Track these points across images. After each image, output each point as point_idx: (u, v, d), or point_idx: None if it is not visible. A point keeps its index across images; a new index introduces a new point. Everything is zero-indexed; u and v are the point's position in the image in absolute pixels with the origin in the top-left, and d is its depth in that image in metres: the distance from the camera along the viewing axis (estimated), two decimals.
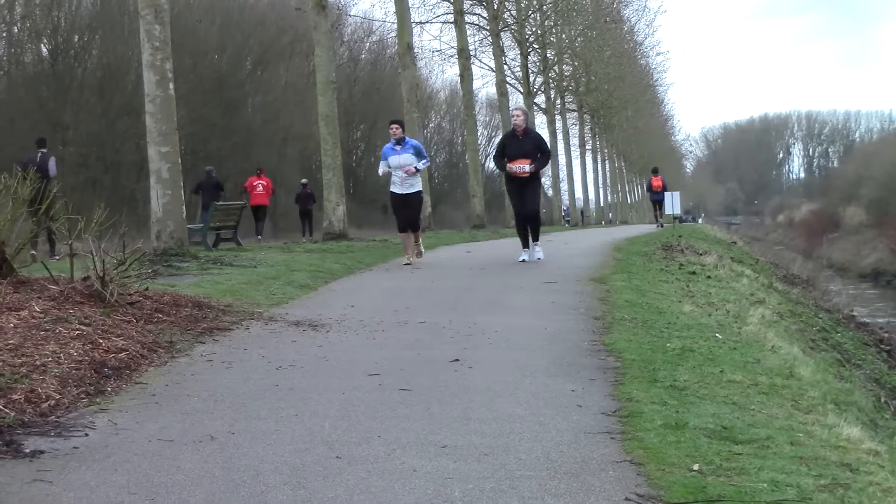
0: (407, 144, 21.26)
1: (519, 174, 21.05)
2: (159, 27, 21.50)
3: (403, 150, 21.11)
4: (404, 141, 21.18)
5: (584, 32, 76.41)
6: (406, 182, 21.19)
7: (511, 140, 21.26)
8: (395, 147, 21.13)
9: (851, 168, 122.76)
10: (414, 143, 21.53)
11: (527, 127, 21.33)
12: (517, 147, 21.02)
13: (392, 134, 21.09)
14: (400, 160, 21.06)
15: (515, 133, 21.12)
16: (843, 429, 8.65)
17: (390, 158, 21.20)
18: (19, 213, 12.83)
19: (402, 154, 21.10)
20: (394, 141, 21.10)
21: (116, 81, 60.44)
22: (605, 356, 10.92)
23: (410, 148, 21.25)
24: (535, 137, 21.62)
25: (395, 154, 21.14)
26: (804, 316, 23.50)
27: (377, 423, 7.85)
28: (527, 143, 21.08)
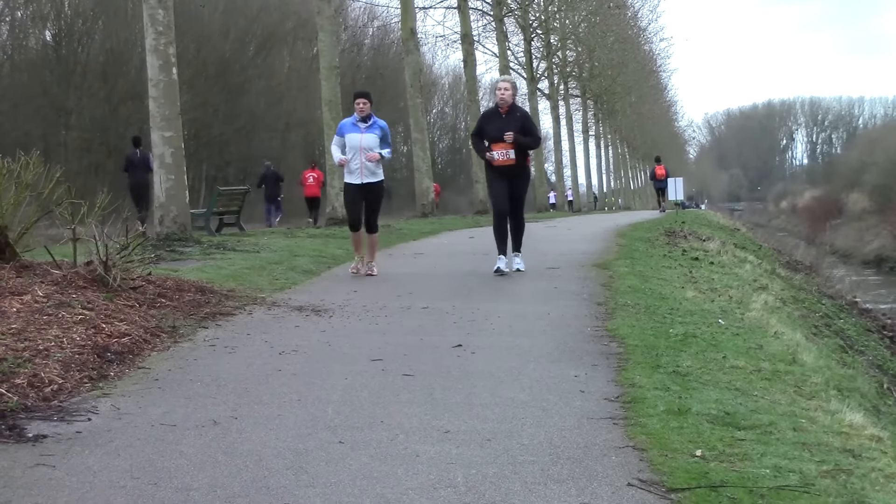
0: (374, 124, 17.00)
1: (502, 162, 16.66)
2: (163, 12, 21.48)
3: (369, 129, 16.92)
4: (370, 119, 16.97)
5: (588, 18, 76.36)
6: (367, 168, 16.92)
7: (492, 118, 16.86)
8: (358, 124, 16.92)
9: (855, 154, 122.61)
10: (381, 124, 17.17)
11: (513, 103, 16.91)
12: (500, 127, 16.59)
13: (358, 111, 16.90)
14: (363, 140, 16.83)
15: (499, 110, 16.80)
16: (846, 415, 8.65)
17: (349, 136, 16.91)
18: (22, 197, 12.83)
19: (367, 133, 16.88)
20: (357, 117, 16.94)
21: (120, 66, 60.41)
22: (608, 342, 10.93)
23: (377, 128, 17.00)
24: (522, 116, 16.95)
25: (358, 132, 16.90)
26: (807, 302, 23.51)
27: (380, 409, 7.85)
28: (512, 123, 16.59)
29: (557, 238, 27.92)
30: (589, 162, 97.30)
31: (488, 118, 17.05)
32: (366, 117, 16.90)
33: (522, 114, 17.10)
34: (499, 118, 16.74)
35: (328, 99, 32.82)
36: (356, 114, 16.90)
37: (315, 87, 49.14)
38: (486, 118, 17.15)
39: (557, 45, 77.70)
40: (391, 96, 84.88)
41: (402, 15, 43.09)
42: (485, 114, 17.45)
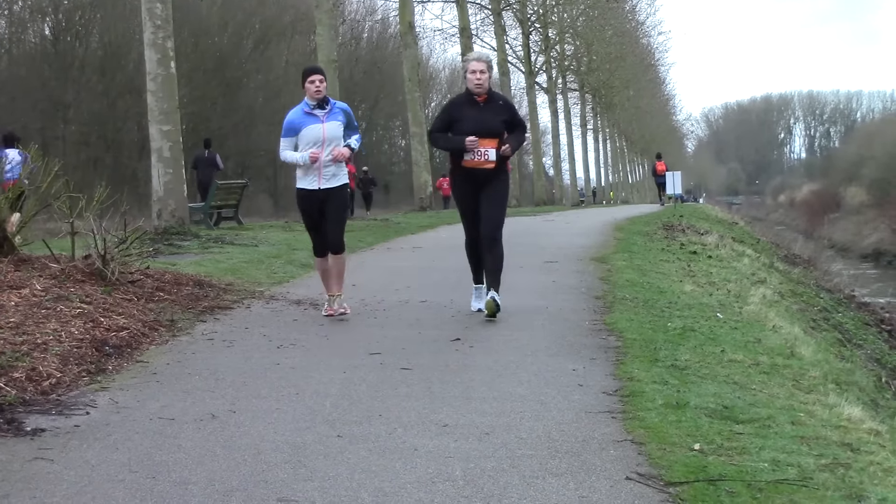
0: (333, 109, 12.36)
1: (476, 164, 12.24)
2: (161, 6, 21.49)
3: (328, 116, 12.28)
4: (328, 103, 12.31)
5: (586, 11, 76.31)
6: (327, 170, 12.30)
7: (465, 108, 12.39)
8: (314, 112, 12.24)
9: (853, 148, 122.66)
10: (343, 107, 12.54)
11: (490, 89, 12.48)
12: (476, 120, 12.22)
13: (310, 93, 12.22)
14: (327, 131, 12.21)
15: (473, 98, 12.30)
16: (844, 409, 8.66)
17: (307, 130, 12.20)
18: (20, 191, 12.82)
19: (328, 122, 12.25)
20: (309, 103, 12.25)
21: (118, 60, 60.42)
22: (607, 336, 10.93)
23: (339, 113, 12.40)
24: (506, 106, 12.65)
25: (316, 122, 12.22)
26: (805, 296, 23.50)
27: (378, 402, 7.86)
28: (490, 115, 12.30)
29: (555, 231, 27.92)
30: (587, 156, 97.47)
31: (458, 107, 12.43)
32: (323, 101, 12.20)
33: (506, 103, 12.67)
34: (474, 108, 12.25)
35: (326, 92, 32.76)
36: (307, 99, 12.17)
37: None
38: (454, 108, 12.52)
39: (555, 39, 77.68)
40: (389, 90, 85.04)
41: (401, 9, 43.11)
42: (452, 102, 12.79)
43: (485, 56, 12.66)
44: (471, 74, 12.35)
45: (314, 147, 12.20)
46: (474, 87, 12.33)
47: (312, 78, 12.25)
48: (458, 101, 12.72)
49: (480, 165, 12.25)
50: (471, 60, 12.53)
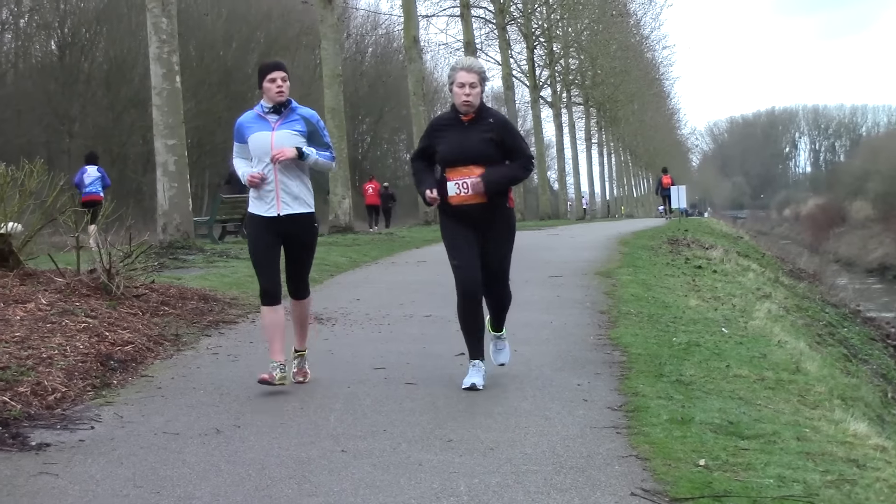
0: (293, 114, 9.53)
1: (463, 200, 9.36)
2: (166, 20, 21.53)
3: (282, 122, 9.44)
4: (289, 106, 9.54)
5: (591, 26, 76.41)
6: (287, 189, 9.39)
7: (448, 130, 9.56)
8: (267, 116, 9.47)
9: (858, 162, 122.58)
10: (306, 114, 9.67)
11: (482, 105, 9.60)
12: (462, 144, 9.39)
13: (270, 94, 9.43)
14: (272, 142, 9.31)
15: (459, 117, 9.49)
16: (850, 424, 8.65)
17: (252, 138, 9.43)
18: (26, 205, 12.85)
19: (279, 129, 9.38)
20: (265, 106, 9.52)
21: (123, 74, 60.48)
22: (611, 350, 10.93)
23: (298, 121, 9.53)
24: (498, 124, 9.52)
25: (264, 128, 9.41)
26: (810, 310, 23.48)
27: (382, 417, 7.86)
28: (474, 136, 9.41)
29: (560, 246, 27.93)
30: (592, 170, 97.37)
31: (440, 129, 9.65)
32: (280, 105, 9.47)
33: (499, 121, 9.58)
34: (458, 129, 9.48)
35: (331, 107, 32.84)
36: (264, 101, 9.54)
37: (318, 94, 49.19)
38: (436, 129, 9.71)
39: (560, 54, 77.77)
40: (394, 104, 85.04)
41: (405, 23, 43.17)
42: (433, 124, 9.89)
43: (477, 66, 9.57)
44: (458, 88, 9.40)
45: (260, 162, 9.34)
46: (462, 104, 9.38)
47: (274, 75, 9.44)
48: (440, 123, 9.72)
49: (468, 201, 9.33)
50: (458, 70, 9.47)
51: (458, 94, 9.47)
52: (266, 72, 9.57)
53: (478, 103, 9.49)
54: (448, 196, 9.39)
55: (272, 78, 9.46)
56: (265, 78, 9.52)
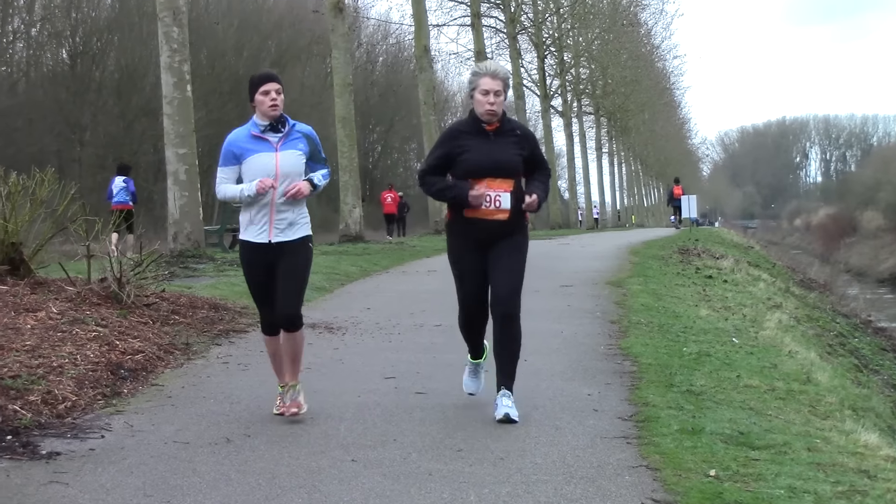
0: (293, 132, 8.64)
1: (487, 214, 8.56)
2: (177, 29, 21.56)
3: (285, 142, 8.57)
4: (286, 124, 8.61)
5: (601, 35, 76.40)
6: (281, 216, 8.57)
7: (471, 140, 8.68)
8: (265, 135, 8.53)
9: (869, 172, 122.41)
10: (305, 131, 8.80)
11: (504, 114, 8.84)
12: (484, 153, 8.60)
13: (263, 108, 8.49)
14: (281, 163, 8.49)
15: (481, 126, 8.66)
16: (861, 435, 8.63)
17: (253, 159, 8.49)
18: (37, 214, 12.87)
19: (284, 150, 8.53)
20: (259, 123, 8.55)
21: (134, 83, 60.59)
22: (622, 360, 10.92)
23: (300, 140, 8.68)
24: (525, 137, 8.88)
25: (267, 149, 8.51)
26: (821, 321, 23.45)
27: (393, 427, 7.85)
28: (503, 147, 8.67)
29: (571, 255, 27.92)
30: (602, 179, 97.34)
31: (460, 138, 8.71)
32: (279, 121, 8.57)
33: (524, 133, 8.93)
34: (483, 139, 8.65)
35: (342, 116, 32.85)
36: (257, 117, 8.54)
37: (329, 103, 49.35)
38: (455, 138, 8.73)
39: (571, 63, 77.79)
40: (405, 113, 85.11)
41: (416, 32, 43.18)
42: (453, 132, 8.89)
43: (502, 72, 8.69)
44: (481, 95, 8.55)
45: (257, 187, 8.38)
46: (485, 112, 8.54)
47: (267, 88, 8.48)
48: (459, 130, 8.81)
49: (489, 216, 8.52)
50: (483, 75, 8.60)
51: (480, 101, 8.61)
52: (258, 84, 8.57)
53: (501, 112, 8.65)
54: (478, 207, 8.49)
55: (265, 90, 8.48)
56: (257, 90, 8.53)
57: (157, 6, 22.23)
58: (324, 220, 54.95)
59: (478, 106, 8.63)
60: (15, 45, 60.00)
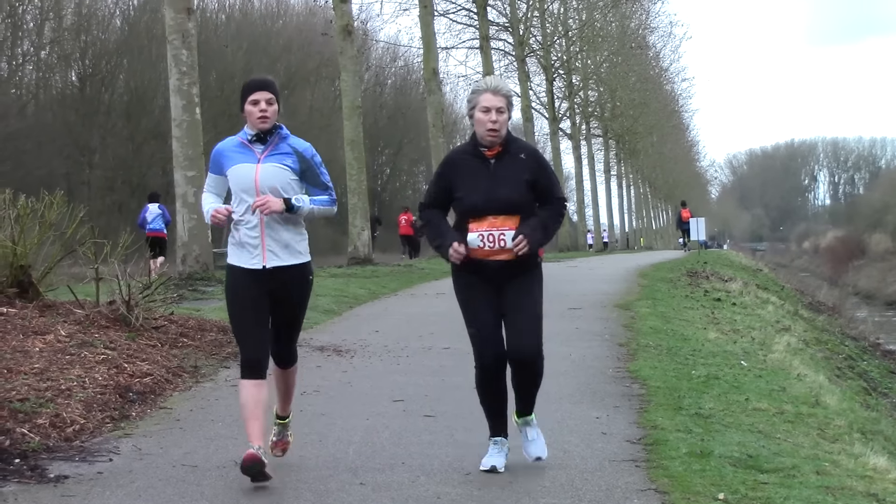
0: (281, 145, 7.64)
1: (489, 255, 7.62)
2: (186, 52, 21.60)
3: (269, 154, 7.59)
4: (278, 133, 7.65)
5: (610, 58, 76.52)
6: (274, 236, 7.54)
7: (469, 169, 7.74)
8: (252, 145, 7.62)
9: (877, 195, 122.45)
10: (300, 146, 7.70)
11: (509, 135, 7.77)
12: (490, 191, 7.61)
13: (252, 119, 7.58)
14: (256, 177, 7.52)
15: (481, 152, 7.71)
16: (870, 458, 8.62)
17: (235, 169, 7.61)
18: (46, 236, 12.89)
19: (265, 162, 7.56)
20: (248, 133, 7.66)
21: (143, 106, 60.71)
22: (630, 383, 10.91)
23: (288, 155, 7.64)
24: (531, 160, 7.75)
25: (248, 159, 7.60)
26: (830, 343, 23.42)
27: (401, 450, 7.85)
28: (506, 177, 7.64)
29: (579, 278, 27.90)
30: (611, 202, 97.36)
31: (457, 169, 7.77)
32: (266, 133, 7.56)
33: (532, 156, 7.79)
34: (483, 169, 7.67)
35: (350, 138, 32.89)
36: (247, 128, 7.64)
37: (337, 126, 49.35)
38: (451, 169, 7.82)
39: (579, 86, 77.87)
40: (413, 136, 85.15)
41: (425, 55, 43.24)
42: (451, 161, 7.92)
43: (504, 88, 7.72)
44: (482, 114, 7.57)
45: (242, 201, 7.52)
46: (487, 133, 7.57)
47: (256, 97, 7.51)
48: (455, 162, 7.84)
49: (493, 256, 7.59)
50: (483, 92, 7.65)
51: (481, 120, 7.56)
52: (248, 92, 7.58)
53: (504, 133, 7.61)
54: (473, 250, 7.58)
55: (254, 100, 7.49)
56: (246, 99, 7.56)
57: (166, 29, 22.30)
58: (332, 243, 55.00)
59: (478, 126, 7.62)
60: (24, 67, 60.18)
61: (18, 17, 57.35)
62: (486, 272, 7.65)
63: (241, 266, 7.51)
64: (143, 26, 61.84)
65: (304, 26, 76.84)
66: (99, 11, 62.05)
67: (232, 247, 7.61)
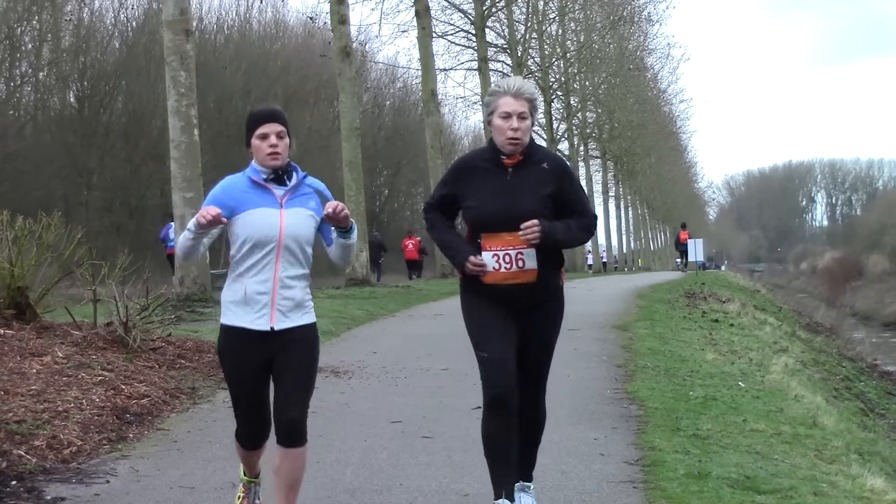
0: (303, 186, 6.54)
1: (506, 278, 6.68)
2: (185, 74, 21.63)
3: (292, 197, 6.46)
4: (293, 175, 6.55)
5: (608, 79, 76.64)
6: (286, 294, 6.42)
7: (484, 177, 6.80)
8: (269, 185, 6.46)
9: (874, 216, 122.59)
10: (318, 187, 6.62)
11: (531, 142, 6.81)
12: (508, 202, 6.65)
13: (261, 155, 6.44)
14: (282, 225, 6.38)
15: (499, 159, 6.75)
16: (867, 479, 8.61)
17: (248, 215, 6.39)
18: (43, 258, 12.89)
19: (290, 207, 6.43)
20: (262, 172, 6.48)
21: (142, 127, 60.73)
22: (628, 404, 10.91)
23: (311, 196, 6.55)
24: (555, 169, 6.78)
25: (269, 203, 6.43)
26: (827, 364, 23.42)
27: (399, 471, 7.84)
28: (526, 185, 6.70)
29: (577, 299, 27.88)
30: (609, 223, 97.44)
31: (471, 174, 6.86)
32: (283, 172, 6.52)
33: (556, 165, 6.86)
34: (499, 177, 6.76)
35: (349, 160, 32.93)
36: (256, 163, 6.53)
37: (336, 147, 49.43)
38: (464, 173, 6.90)
39: (577, 107, 77.97)
40: (412, 157, 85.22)
41: (423, 76, 43.34)
42: (463, 164, 7.01)
43: (527, 90, 6.82)
44: (501, 120, 6.67)
45: (259, 248, 6.37)
46: (508, 142, 6.66)
47: (264, 130, 6.45)
48: (471, 165, 6.90)
49: (510, 280, 6.67)
50: (503, 95, 6.75)
51: (500, 127, 6.67)
52: (254, 124, 6.50)
53: (527, 141, 6.72)
54: (487, 271, 6.66)
55: (263, 133, 6.42)
56: (254, 132, 6.48)
57: (164, 50, 22.33)
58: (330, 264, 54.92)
59: (497, 134, 6.69)
60: (23, 89, 60.21)
61: (17, 38, 57.40)
62: (504, 297, 6.71)
63: (243, 328, 6.37)
64: (142, 48, 61.90)
65: (303, 48, 76.91)
66: (97, 33, 62.08)
67: (230, 303, 6.45)
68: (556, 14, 67.22)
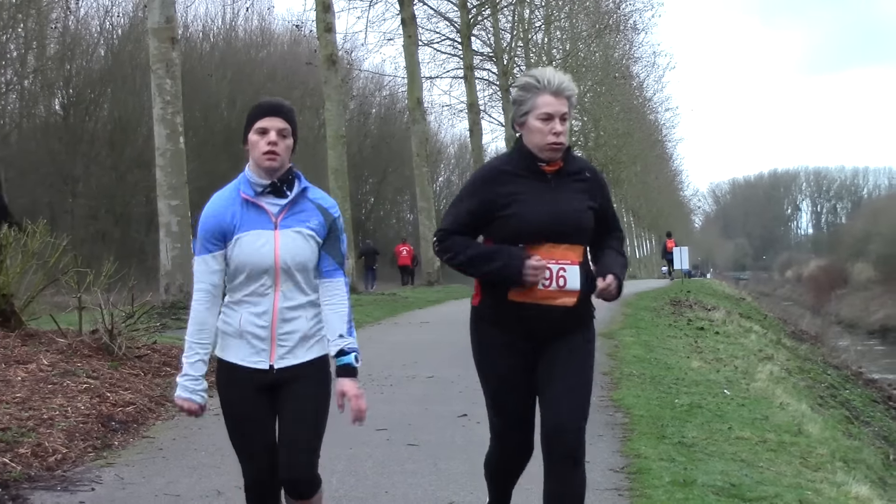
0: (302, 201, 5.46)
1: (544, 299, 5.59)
2: (170, 81, 21.61)
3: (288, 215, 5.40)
4: (294, 183, 5.45)
5: (594, 88, 76.69)
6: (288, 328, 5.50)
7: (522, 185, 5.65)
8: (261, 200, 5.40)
9: (859, 224, 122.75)
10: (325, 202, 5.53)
11: (570, 150, 5.82)
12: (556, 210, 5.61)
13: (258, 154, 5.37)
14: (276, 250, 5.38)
15: (536, 166, 5.68)
16: (852, 487, 8.63)
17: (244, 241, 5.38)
18: (28, 265, 12.87)
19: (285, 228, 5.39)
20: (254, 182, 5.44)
21: (127, 135, 60.63)
22: (614, 412, 10.91)
23: (312, 213, 5.46)
24: (593, 181, 5.84)
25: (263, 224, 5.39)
26: (812, 372, 23.45)
27: (384, 479, 7.84)
28: (570, 196, 5.70)
29: None
30: None
31: (505, 181, 5.71)
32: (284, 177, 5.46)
33: (596, 177, 5.98)
34: (541, 185, 5.71)
35: (334, 168, 32.95)
36: (252, 169, 5.48)
37: (322, 155, 49.40)
38: (493, 180, 5.74)
39: None
40: (398, 164, 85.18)
41: (409, 84, 43.41)
42: (491, 171, 5.83)
43: (569, 87, 5.95)
44: (540, 122, 5.71)
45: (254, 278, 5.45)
46: (548, 147, 5.69)
47: (264, 124, 5.46)
48: (502, 170, 5.79)
49: (548, 300, 5.64)
50: (542, 92, 5.80)
51: (540, 131, 5.68)
52: (255, 117, 5.53)
53: (565, 144, 5.75)
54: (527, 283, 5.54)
55: (262, 128, 5.43)
56: (252, 126, 5.52)
57: (150, 58, 22.32)
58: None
59: (534, 136, 5.70)
60: (8, 96, 60.10)
61: (2, 45, 57.29)
62: (532, 324, 5.66)
63: (238, 364, 5.64)
64: (128, 55, 61.80)
65: (289, 55, 76.94)
66: (83, 40, 61.97)
67: (225, 335, 5.69)
68: (541, 22, 67.34)
